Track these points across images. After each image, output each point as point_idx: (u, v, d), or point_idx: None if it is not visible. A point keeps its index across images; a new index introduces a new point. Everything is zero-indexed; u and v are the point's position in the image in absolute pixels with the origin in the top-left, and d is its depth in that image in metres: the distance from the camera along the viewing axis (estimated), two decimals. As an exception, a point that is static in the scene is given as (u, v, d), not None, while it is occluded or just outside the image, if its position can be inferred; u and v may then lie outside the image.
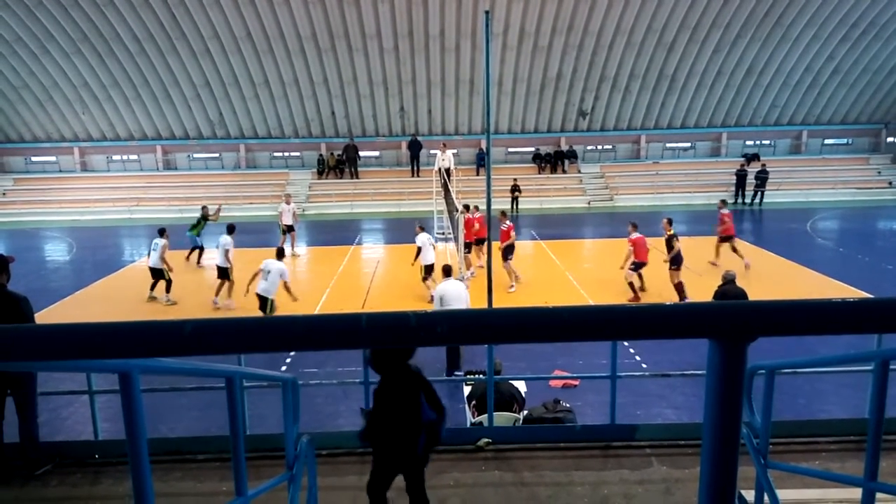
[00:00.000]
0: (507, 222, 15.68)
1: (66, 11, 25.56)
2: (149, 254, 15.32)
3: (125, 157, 32.16)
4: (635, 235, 14.23)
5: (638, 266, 14.25)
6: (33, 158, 31.97)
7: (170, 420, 8.51)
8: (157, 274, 15.06)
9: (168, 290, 15.04)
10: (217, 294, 14.63)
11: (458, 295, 10.03)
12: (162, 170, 31.88)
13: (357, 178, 30.89)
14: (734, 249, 16.78)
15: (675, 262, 13.84)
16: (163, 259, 14.77)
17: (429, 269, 14.27)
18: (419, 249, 14.34)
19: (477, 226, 16.34)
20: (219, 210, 19.14)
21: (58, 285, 16.85)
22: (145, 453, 1.65)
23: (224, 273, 14.55)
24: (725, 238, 16.90)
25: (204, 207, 18.96)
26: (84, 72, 28.21)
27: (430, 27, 26.90)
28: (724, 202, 17.49)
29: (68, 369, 1.81)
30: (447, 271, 10.75)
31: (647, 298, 14.51)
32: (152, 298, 15.24)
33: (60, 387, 8.44)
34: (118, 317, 14.08)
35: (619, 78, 29.59)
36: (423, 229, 14.78)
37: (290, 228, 20.05)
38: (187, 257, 19.01)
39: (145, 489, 1.67)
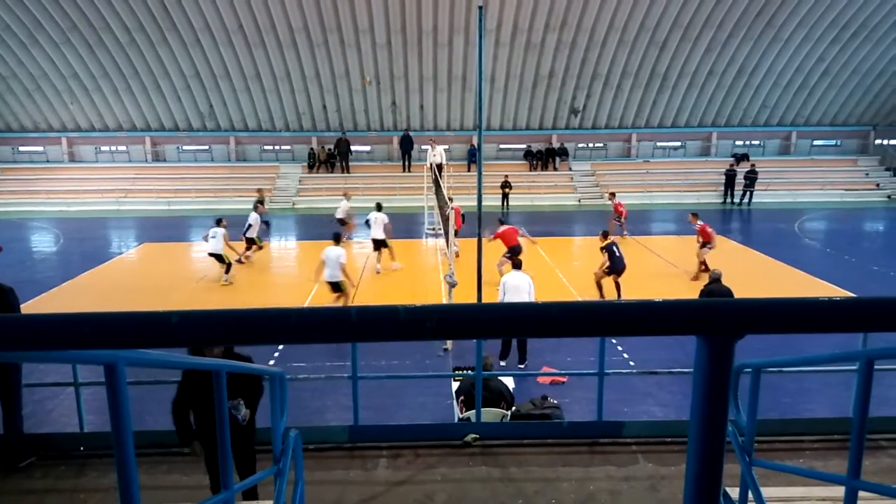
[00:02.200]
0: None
1: (55, 1, 25.29)
2: (206, 239, 16.34)
3: (114, 148, 31.89)
4: (699, 224, 16.38)
5: (709, 246, 16.18)
6: (21, 148, 31.64)
7: (156, 413, 8.45)
8: (219, 258, 16.11)
9: (228, 270, 16.09)
10: (378, 262, 16.75)
11: (517, 286, 10.49)
12: (151, 161, 31.65)
13: (348, 172, 30.79)
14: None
15: (613, 270, 14.24)
16: (227, 245, 16.16)
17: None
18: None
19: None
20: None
21: (44, 276, 16.72)
22: (131, 446, 1.64)
23: (382, 244, 16.72)
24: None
25: (259, 190, 21.44)
26: (73, 62, 27.93)
27: (423, 22, 26.83)
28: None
29: (54, 360, 1.80)
30: (516, 264, 11.20)
31: (634, 295, 14.57)
32: (227, 283, 15.93)
33: (45, 378, 8.37)
34: (106, 308, 13.98)
35: (612, 76, 29.64)
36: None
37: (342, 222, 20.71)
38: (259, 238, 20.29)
39: (131, 482, 1.66)
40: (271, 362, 10.30)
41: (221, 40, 27.22)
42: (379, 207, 17.86)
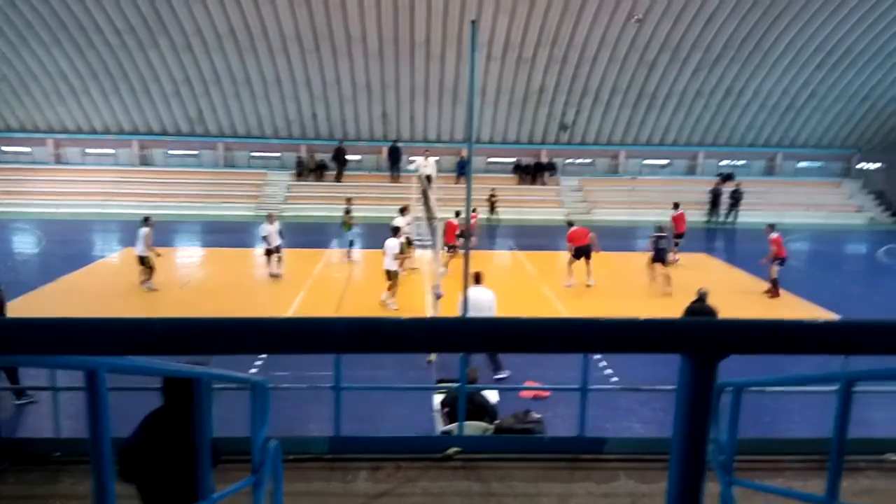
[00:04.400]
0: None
1: (45, 1, 25.13)
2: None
3: (101, 151, 31.60)
4: (774, 235, 16.21)
5: (780, 262, 16.12)
6: (5, 148, 31.24)
7: (134, 420, 8.35)
8: (143, 261, 15.41)
9: (150, 277, 15.47)
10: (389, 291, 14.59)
11: (478, 301, 10.36)
12: (138, 165, 31.41)
13: (340, 181, 30.71)
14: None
15: (656, 259, 16.69)
16: (148, 247, 15.27)
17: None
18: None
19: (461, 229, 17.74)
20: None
21: (26, 278, 16.50)
22: (109, 453, 1.62)
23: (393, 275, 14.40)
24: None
25: (348, 199, 20.29)
26: (62, 63, 27.75)
27: (416, 34, 26.96)
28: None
29: (34, 365, 1.78)
30: (477, 278, 10.93)
31: (621, 312, 14.63)
32: (149, 288, 15.51)
33: (22, 382, 8.25)
34: (87, 312, 13.83)
35: (601, 93, 29.90)
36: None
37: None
38: (348, 255, 19.74)
39: (107, 489, 1.64)
40: (253, 370, 10.21)
41: (212, 45, 27.18)
42: (402, 211, 18.16)
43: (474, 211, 20.76)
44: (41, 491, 5.00)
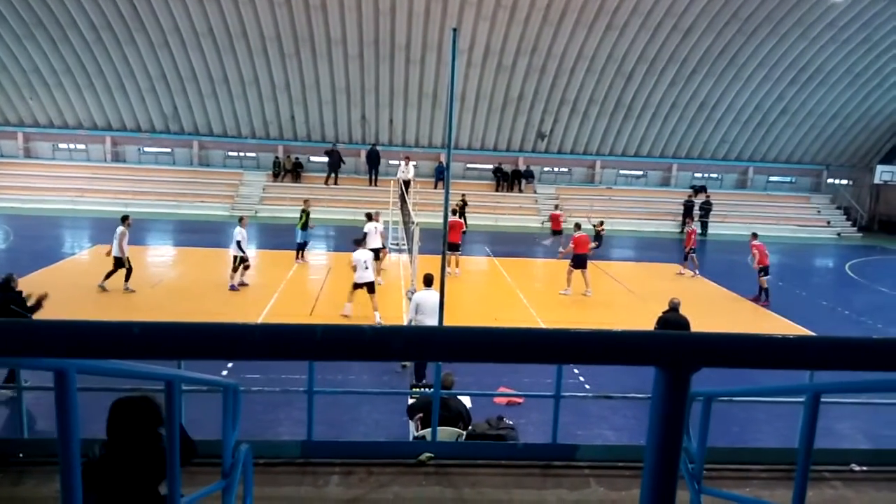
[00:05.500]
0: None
1: (19, -8, 24.69)
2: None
3: (72, 146, 31.07)
4: (757, 242, 16.91)
5: (765, 271, 16.74)
6: (-27, 141, 30.63)
7: (102, 421, 8.20)
8: (117, 263, 14.98)
9: (113, 277, 15.03)
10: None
11: (433, 305, 10.21)
12: (110, 161, 30.91)
13: (336, 184, 30.55)
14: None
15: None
16: (121, 247, 14.86)
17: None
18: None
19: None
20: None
21: (-9, 274, 16.11)
22: (77, 454, 1.60)
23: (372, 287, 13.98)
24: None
25: (306, 201, 19.60)
26: (35, 56, 27.21)
27: (397, 38, 26.97)
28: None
29: (2, 365, 1.75)
30: (428, 281, 10.79)
31: (597, 324, 14.76)
32: (102, 289, 15.06)
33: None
34: (54, 309, 13.54)
35: (578, 103, 30.19)
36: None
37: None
38: (298, 256, 19.29)
39: (74, 492, 1.61)
40: (224, 372, 10.09)
41: (190, 43, 26.89)
42: (369, 217, 17.38)
43: (556, 208, 24.55)
44: (3, 493, 4.88)
